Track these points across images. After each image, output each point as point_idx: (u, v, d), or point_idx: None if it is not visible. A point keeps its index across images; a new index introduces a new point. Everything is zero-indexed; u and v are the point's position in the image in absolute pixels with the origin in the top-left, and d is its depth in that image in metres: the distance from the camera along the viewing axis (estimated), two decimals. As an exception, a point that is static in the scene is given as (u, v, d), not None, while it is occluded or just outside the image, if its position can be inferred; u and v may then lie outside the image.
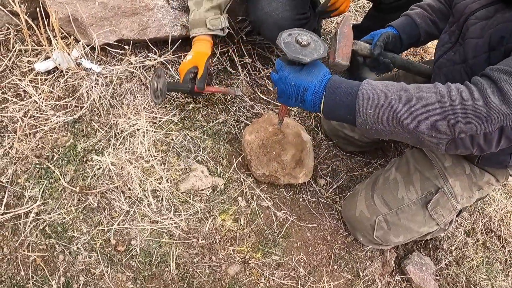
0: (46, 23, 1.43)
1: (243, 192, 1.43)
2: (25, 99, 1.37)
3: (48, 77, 1.43)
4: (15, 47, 1.45)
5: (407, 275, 1.50)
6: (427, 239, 1.62)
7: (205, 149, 1.48)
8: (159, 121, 1.47)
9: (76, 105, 1.40)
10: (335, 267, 1.42)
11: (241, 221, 1.37)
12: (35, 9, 1.39)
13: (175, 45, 1.60)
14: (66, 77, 1.44)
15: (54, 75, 1.44)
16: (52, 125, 1.34)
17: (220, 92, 1.59)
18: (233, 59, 1.74)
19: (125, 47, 1.53)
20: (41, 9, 1.37)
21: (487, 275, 1.69)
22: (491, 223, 1.84)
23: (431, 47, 2.38)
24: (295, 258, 1.38)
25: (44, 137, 1.32)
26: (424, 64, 1.40)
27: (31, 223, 1.18)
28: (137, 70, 1.54)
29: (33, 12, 1.45)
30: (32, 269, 1.14)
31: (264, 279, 1.31)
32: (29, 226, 1.18)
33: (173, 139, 1.45)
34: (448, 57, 1.17)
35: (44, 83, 1.41)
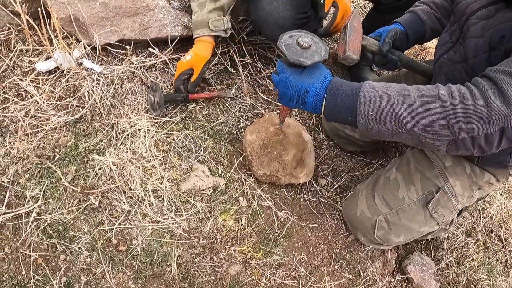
0: (48, 23, 1.43)
1: (244, 192, 1.43)
2: (26, 99, 1.37)
3: (50, 77, 1.43)
4: (17, 47, 1.45)
5: (407, 275, 1.50)
6: (427, 239, 1.62)
7: (206, 149, 1.48)
8: (160, 121, 1.47)
9: (77, 105, 1.41)
10: (336, 267, 1.43)
11: (242, 221, 1.37)
12: (36, 9, 1.39)
13: (176, 44, 1.61)
14: (67, 77, 1.44)
15: (56, 75, 1.44)
16: (54, 125, 1.34)
17: (212, 96, 1.60)
18: (234, 59, 1.74)
19: (126, 47, 1.53)
20: (42, 9, 1.37)
21: (487, 275, 1.69)
22: (491, 223, 1.84)
23: (431, 47, 2.38)
24: (296, 258, 1.38)
25: (45, 137, 1.32)
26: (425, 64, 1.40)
27: (32, 222, 1.19)
28: (138, 70, 1.55)
29: (34, 12, 1.44)
30: (33, 269, 1.14)
31: (265, 279, 1.32)
32: (30, 226, 1.18)
33: (174, 139, 1.45)
34: (448, 56, 1.17)
35: (45, 83, 1.41)
